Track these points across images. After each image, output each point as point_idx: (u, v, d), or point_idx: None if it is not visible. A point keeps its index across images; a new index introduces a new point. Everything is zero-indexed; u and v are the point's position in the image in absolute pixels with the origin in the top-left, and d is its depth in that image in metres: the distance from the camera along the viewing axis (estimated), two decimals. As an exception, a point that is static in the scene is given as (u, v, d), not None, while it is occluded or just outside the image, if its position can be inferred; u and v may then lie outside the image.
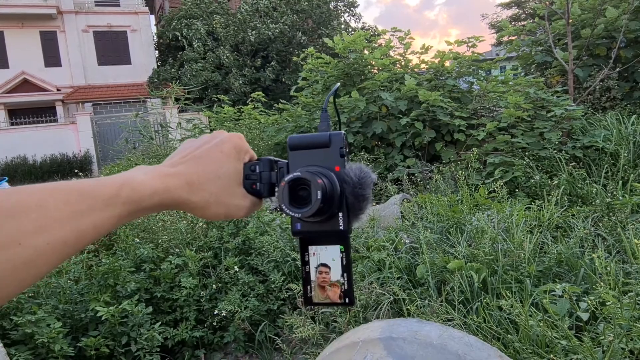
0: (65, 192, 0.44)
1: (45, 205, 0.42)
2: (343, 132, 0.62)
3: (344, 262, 0.61)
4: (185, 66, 21.20)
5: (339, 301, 0.61)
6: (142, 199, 0.49)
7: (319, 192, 0.55)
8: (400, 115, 6.35)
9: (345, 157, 0.61)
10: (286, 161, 0.63)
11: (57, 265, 0.44)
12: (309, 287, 0.62)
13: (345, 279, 0.61)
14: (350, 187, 0.59)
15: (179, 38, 22.07)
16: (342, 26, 24.88)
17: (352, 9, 26.77)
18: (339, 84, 0.76)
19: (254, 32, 21.41)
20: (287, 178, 0.57)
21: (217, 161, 0.59)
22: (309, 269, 0.62)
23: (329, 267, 0.61)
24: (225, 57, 20.86)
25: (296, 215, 0.56)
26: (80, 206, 0.44)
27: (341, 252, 0.61)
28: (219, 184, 0.58)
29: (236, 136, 0.63)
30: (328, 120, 0.65)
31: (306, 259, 0.62)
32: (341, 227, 0.60)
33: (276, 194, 0.60)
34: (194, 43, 21.44)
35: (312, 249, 0.62)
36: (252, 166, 0.63)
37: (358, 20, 27.29)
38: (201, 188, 0.56)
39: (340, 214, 0.60)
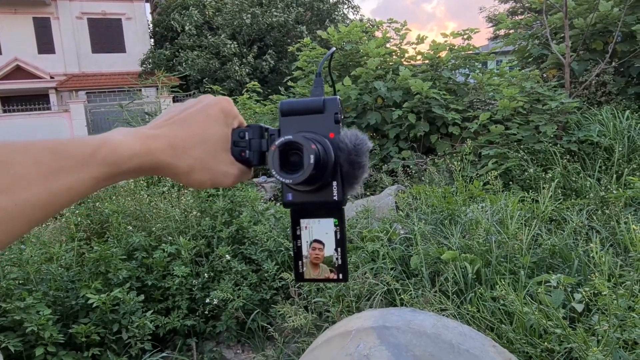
0: (37, 150, 0.40)
1: (12, 162, 0.38)
2: (338, 97, 0.59)
3: (338, 237, 0.58)
4: (181, 53, 20.90)
5: (332, 277, 0.59)
6: (120, 160, 0.45)
7: (312, 157, 0.51)
8: (394, 108, 6.32)
9: (340, 124, 0.58)
10: (277, 128, 0.60)
11: (28, 231, 0.40)
12: (300, 262, 0.60)
13: (339, 253, 0.58)
14: (345, 154, 0.55)
15: (173, 25, 21.75)
16: (340, 18, 24.73)
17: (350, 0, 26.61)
18: (334, 48, 0.72)
19: (249, 15, 21.08)
20: (277, 142, 0.53)
21: (203, 124, 0.55)
22: (301, 243, 0.59)
23: (323, 244, 0.59)
24: (225, 45, 20.56)
25: (287, 181, 0.53)
26: (52, 165, 0.40)
27: (335, 225, 0.58)
28: (205, 149, 0.54)
29: (224, 99, 0.59)
30: (322, 85, 0.61)
31: (297, 232, 0.59)
32: (335, 198, 0.57)
33: (267, 160, 0.56)
34: (186, 27, 21.07)
35: (304, 222, 0.59)
36: (241, 132, 0.59)
37: (356, 13, 27.07)
38: (186, 152, 0.52)
39: (335, 183, 0.56)
